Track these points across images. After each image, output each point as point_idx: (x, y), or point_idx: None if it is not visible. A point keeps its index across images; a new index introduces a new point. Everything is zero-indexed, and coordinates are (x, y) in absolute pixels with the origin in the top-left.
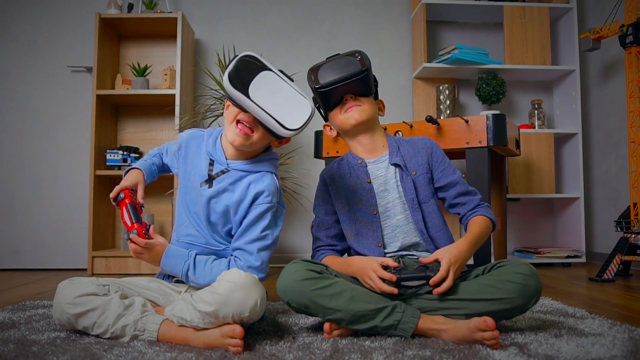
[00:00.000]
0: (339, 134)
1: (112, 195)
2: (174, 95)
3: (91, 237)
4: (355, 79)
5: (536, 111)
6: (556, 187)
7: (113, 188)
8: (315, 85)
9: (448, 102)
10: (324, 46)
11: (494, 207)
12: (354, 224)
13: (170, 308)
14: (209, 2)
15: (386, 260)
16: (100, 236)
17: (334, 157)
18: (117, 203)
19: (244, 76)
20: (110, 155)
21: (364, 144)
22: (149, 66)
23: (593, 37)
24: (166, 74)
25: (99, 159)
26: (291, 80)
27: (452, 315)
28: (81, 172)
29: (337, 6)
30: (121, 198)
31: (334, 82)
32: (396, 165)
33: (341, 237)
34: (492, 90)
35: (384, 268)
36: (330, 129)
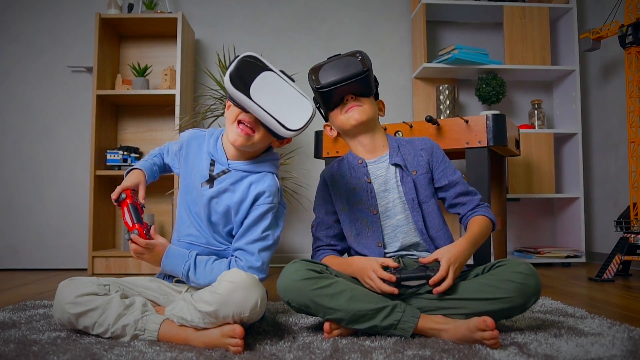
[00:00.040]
0: (339, 134)
1: (114, 196)
2: (174, 95)
3: (91, 237)
4: (356, 79)
5: (536, 111)
6: (556, 187)
7: (113, 188)
8: (316, 86)
9: (448, 102)
10: (324, 46)
11: (494, 207)
12: (354, 224)
13: (171, 308)
14: (209, 2)
15: (386, 261)
16: (100, 236)
17: (334, 157)
18: (118, 203)
19: (245, 76)
20: (111, 155)
21: (364, 144)
22: (149, 66)
23: (593, 37)
24: (166, 74)
25: (99, 159)
26: (292, 80)
27: (452, 315)
28: (81, 172)
29: (337, 6)
30: (123, 198)
31: (335, 83)
32: (396, 165)
33: (341, 237)
34: (492, 90)
35: (384, 268)
36: (331, 129)
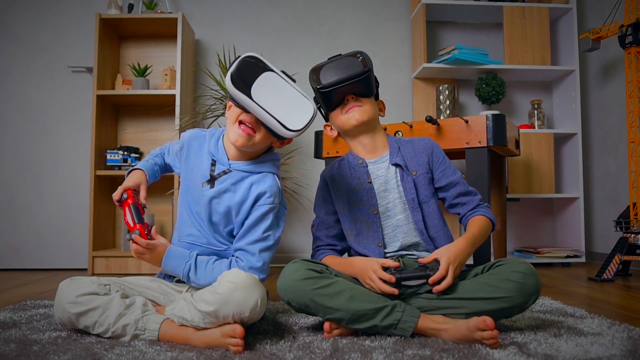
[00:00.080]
0: (339, 134)
1: (116, 197)
2: (174, 95)
3: (91, 237)
4: (357, 79)
5: (536, 111)
6: (556, 187)
7: (113, 188)
8: (317, 86)
9: (448, 102)
10: (324, 46)
11: (493, 207)
12: (354, 223)
13: (171, 307)
14: (209, 3)
15: (387, 262)
16: (100, 236)
17: (334, 157)
18: (120, 203)
19: (246, 77)
20: (111, 156)
21: (364, 144)
22: (149, 66)
23: (593, 37)
24: (166, 74)
25: (100, 159)
26: (293, 81)
27: (452, 315)
28: (81, 172)
29: (338, 7)
30: (124, 198)
31: (336, 83)
32: (397, 165)
33: (341, 237)
34: (491, 90)
35: (384, 269)
36: (331, 129)
